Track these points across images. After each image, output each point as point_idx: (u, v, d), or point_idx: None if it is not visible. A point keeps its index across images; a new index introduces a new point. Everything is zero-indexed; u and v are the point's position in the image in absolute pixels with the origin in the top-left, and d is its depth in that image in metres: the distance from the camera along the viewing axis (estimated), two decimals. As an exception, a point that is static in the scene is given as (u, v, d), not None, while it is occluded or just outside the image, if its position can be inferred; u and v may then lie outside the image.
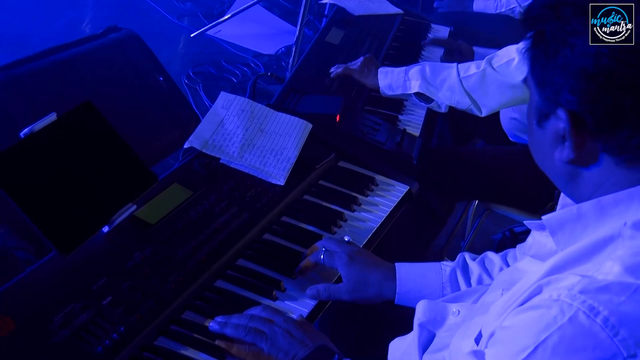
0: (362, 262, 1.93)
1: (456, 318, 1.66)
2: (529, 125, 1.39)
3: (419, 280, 1.92)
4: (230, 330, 1.68)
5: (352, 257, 1.93)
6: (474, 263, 1.93)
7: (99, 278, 1.75)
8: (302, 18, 4.09)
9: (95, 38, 3.30)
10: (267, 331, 1.67)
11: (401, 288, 1.91)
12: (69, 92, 2.82)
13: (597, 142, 1.24)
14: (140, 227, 1.95)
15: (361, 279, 1.91)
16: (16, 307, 1.62)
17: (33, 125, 1.79)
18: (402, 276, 1.92)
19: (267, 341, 1.65)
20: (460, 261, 1.94)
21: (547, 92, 1.27)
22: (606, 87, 1.20)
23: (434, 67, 2.82)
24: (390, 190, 2.42)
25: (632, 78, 1.18)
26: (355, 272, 1.91)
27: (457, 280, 1.91)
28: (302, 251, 2.04)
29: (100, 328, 1.63)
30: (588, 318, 1.12)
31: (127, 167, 1.99)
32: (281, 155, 2.33)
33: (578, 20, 1.23)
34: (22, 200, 1.71)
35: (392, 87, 2.87)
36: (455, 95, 2.77)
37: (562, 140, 1.27)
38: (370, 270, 1.92)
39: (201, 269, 1.88)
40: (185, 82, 4.53)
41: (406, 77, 2.84)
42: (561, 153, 1.28)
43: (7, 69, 2.79)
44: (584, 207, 1.31)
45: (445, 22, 4.02)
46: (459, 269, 1.92)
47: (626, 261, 1.19)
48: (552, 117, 1.28)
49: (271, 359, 1.63)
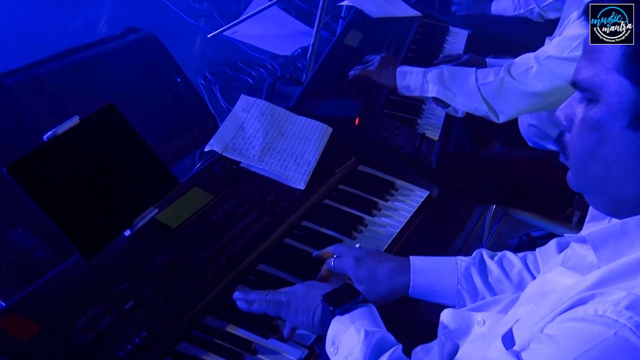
0: (369, 262, 1.91)
1: (482, 328, 1.64)
2: (590, 138, 1.32)
3: (433, 274, 1.91)
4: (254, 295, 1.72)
5: (359, 259, 1.91)
6: (492, 262, 1.91)
7: (121, 282, 1.75)
8: (319, 19, 4.08)
9: (115, 39, 3.31)
10: (285, 289, 1.72)
11: (415, 281, 1.89)
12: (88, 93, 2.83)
13: None
14: (162, 231, 1.95)
15: (370, 278, 1.89)
16: (39, 311, 1.62)
17: (56, 129, 1.80)
18: (417, 269, 1.90)
19: (286, 294, 1.69)
20: (477, 258, 1.92)
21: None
22: None
23: (453, 72, 2.82)
24: (410, 195, 2.42)
25: None
26: (363, 273, 1.89)
27: (471, 277, 1.89)
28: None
29: (123, 332, 1.62)
30: (634, 335, 1.12)
31: (149, 170, 1.99)
32: (301, 159, 2.33)
33: None
34: (45, 204, 1.71)
35: (409, 89, 2.87)
36: (473, 102, 2.77)
37: None
38: (378, 267, 1.90)
39: (222, 273, 1.88)
40: (202, 83, 4.53)
41: (424, 80, 2.83)
42: None
43: (27, 70, 2.80)
44: (629, 223, 1.30)
45: (463, 25, 4.02)
46: (475, 266, 1.90)
47: None
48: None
49: (290, 306, 1.67)
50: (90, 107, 1.92)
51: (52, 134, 1.78)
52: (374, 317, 1.57)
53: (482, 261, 1.92)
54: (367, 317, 1.56)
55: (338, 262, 1.92)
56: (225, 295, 1.85)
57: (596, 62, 1.28)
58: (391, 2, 3.92)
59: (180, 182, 2.06)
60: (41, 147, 1.75)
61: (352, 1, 3.88)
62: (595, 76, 1.28)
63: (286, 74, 4.62)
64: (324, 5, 4.05)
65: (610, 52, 1.25)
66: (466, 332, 1.66)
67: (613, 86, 1.26)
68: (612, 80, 1.26)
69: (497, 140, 3.56)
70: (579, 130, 1.33)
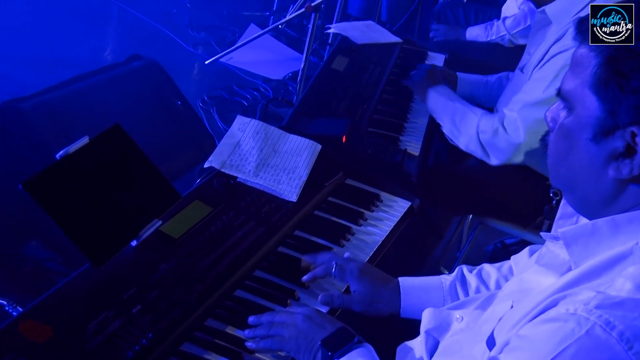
0: (372, 279, 1.92)
1: (460, 324, 1.65)
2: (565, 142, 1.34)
3: (422, 295, 1.91)
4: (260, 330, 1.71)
5: (363, 272, 1.92)
6: (472, 275, 1.92)
7: (128, 288, 1.75)
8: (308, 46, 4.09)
9: (119, 66, 3.32)
10: (288, 319, 1.68)
11: (405, 302, 1.90)
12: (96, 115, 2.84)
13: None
14: (165, 241, 1.95)
15: (372, 295, 1.90)
16: (54, 316, 1.62)
17: (68, 148, 1.80)
18: (406, 291, 1.91)
19: (287, 328, 1.66)
20: (458, 274, 1.93)
21: (620, 110, 1.22)
22: None
23: (464, 113, 2.87)
24: (393, 206, 2.42)
25: None
26: (366, 288, 1.90)
27: (456, 293, 1.90)
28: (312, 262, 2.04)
29: (131, 334, 1.63)
30: (604, 332, 1.12)
31: (153, 185, 2.00)
32: (293, 173, 2.34)
33: None
34: (58, 217, 1.72)
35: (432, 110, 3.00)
36: (472, 144, 2.81)
37: (623, 156, 1.25)
38: (380, 288, 1.92)
39: (221, 279, 1.88)
40: (200, 106, 4.54)
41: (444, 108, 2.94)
42: (619, 170, 1.26)
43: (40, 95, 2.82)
44: (598, 224, 1.31)
45: (440, 50, 4.03)
46: (458, 282, 1.92)
47: (637, 279, 1.18)
48: (617, 133, 1.24)
49: (292, 341, 1.65)
50: (98, 128, 1.93)
51: (64, 152, 1.79)
52: (371, 355, 1.58)
53: (463, 276, 1.93)
54: (364, 356, 1.57)
55: (340, 271, 1.92)
56: (224, 299, 1.85)
57: (577, 76, 1.30)
58: (374, 29, 3.93)
59: (182, 196, 2.06)
60: (54, 165, 1.75)
61: (338, 29, 3.90)
62: (574, 89, 1.30)
63: (278, 96, 4.64)
64: (313, 33, 4.06)
65: (587, 70, 1.27)
66: (446, 329, 1.67)
67: (585, 101, 1.28)
68: (585, 95, 1.27)
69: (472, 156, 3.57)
70: (557, 135, 1.36)
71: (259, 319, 1.74)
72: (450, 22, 4.68)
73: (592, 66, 1.26)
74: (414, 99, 3.33)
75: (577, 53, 1.31)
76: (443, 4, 5.09)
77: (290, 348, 1.65)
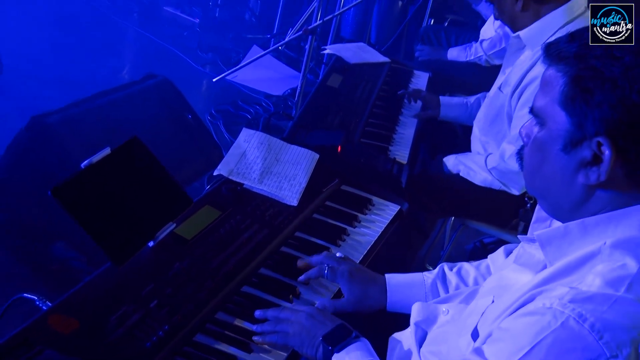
0: (361, 279, 1.91)
1: (446, 316, 1.66)
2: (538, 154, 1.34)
3: (406, 291, 1.91)
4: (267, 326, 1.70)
5: (352, 274, 1.90)
6: (452, 273, 1.91)
7: (146, 285, 1.75)
8: (305, 65, 4.10)
9: (136, 84, 3.33)
10: (292, 317, 1.68)
11: (391, 298, 1.90)
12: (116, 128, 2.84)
13: (623, 169, 1.23)
14: (179, 242, 1.95)
15: (362, 294, 1.89)
16: (79, 310, 1.62)
17: (91, 158, 1.80)
18: (392, 288, 1.91)
19: (291, 325, 1.66)
20: (440, 272, 1.92)
21: (586, 123, 1.23)
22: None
23: (471, 164, 2.88)
24: (384, 210, 2.42)
25: None
26: (356, 288, 1.89)
27: (437, 290, 1.90)
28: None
29: (149, 327, 1.63)
30: (578, 323, 1.13)
31: (167, 191, 1.99)
32: (294, 180, 2.34)
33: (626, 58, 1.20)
34: (83, 220, 1.72)
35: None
36: (489, 180, 2.82)
37: (591, 164, 1.25)
38: (369, 286, 1.91)
39: (230, 277, 1.88)
40: (209, 119, 4.54)
41: (457, 162, 2.94)
42: (587, 177, 1.26)
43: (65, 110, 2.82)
44: (570, 226, 1.31)
45: (424, 69, 4.03)
46: (439, 280, 1.91)
47: (606, 276, 1.19)
48: (584, 143, 1.25)
49: (296, 337, 1.65)
50: (118, 140, 1.93)
51: (88, 162, 1.79)
52: (368, 348, 1.58)
53: (443, 274, 1.92)
54: (361, 349, 1.57)
55: (331, 273, 1.91)
56: (233, 294, 1.85)
57: (547, 94, 1.30)
58: (365, 50, 3.94)
59: (193, 201, 2.06)
60: (79, 174, 1.75)
61: (332, 50, 3.90)
62: (545, 106, 1.31)
63: (279, 110, 4.64)
64: (309, 53, 4.07)
65: (555, 89, 1.27)
66: (433, 321, 1.67)
67: (555, 116, 1.28)
68: (555, 111, 1.28)
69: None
70: (531, 148, 1.37)
71: (265, 313, 1.74)
72: (433, 44, 4.69)
73: (559, 85, 1.27)
74: (402, 112, 3.33)
75: (545, 74, 1.32)
76: (426, 27, 5.11)
77: (295, 343, 1.65)
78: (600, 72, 1.20)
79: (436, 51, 4.48)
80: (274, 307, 1.80)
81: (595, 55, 1.22)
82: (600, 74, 1.20)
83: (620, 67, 1.18)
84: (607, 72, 1.20)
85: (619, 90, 1.18)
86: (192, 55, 5.62)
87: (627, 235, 1.25)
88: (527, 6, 2.64)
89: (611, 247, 1.24)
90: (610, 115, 1.20)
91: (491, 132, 2.89)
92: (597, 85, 1.21)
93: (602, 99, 1.20)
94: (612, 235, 1.26)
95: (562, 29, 2.58)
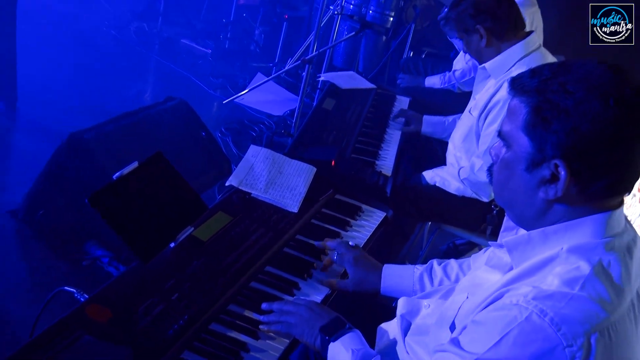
0: (364, 265, 1.96)
1: (427, 310, 1.66)
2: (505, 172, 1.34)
3: (398, 279, 1.93)
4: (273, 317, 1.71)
5: (357, 260, 1.95)
6: (439, 268, 1.92)
7: (168, 280, 1.75)
8: (302, 90, 4.11)
9: (157, 105, 3.33)
10: (294, 309, 1.69)
11: (384, 283, 1.92)
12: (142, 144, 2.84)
13: (576, 187, 1.24)
14: (196, 243, 1.95)
15: (363, 278, 1.94)
16: (112, 301, 1.62)
17: (122, 170, 1.80)
18: (386, 275, 1.93)
19: (293, 316, 1.67)
20: (429, 266, 1.94)
21: (545, 147, 1.24)
22: (596, 146, 1.20)
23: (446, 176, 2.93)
24: (372, 216, 2.42)
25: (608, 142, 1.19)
26: (359, 272, 1.94)
27: (423, 282, 1.90)
28: (312, 261, 2.04)
29: (171, 316, 1.63)
30: (539, 318, 1.14)
31: (186, 199, 1.99)
32: (295, 190, 2.34)
33: (580, 93, 1.21)
34: (114, 223, 1.72)
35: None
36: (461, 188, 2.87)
37: (550, 182, 1.25)
38: (370, 272, 1.95)
39: (240, 273, 1.88)
40: (219, 136, 4.54)
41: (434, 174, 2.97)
42: (547, 193, 1.26)
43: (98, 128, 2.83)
44: (532, 234, 1.31)
45: (405, 94, 4.04)
46: (426, 273, 1.92)
47: (563, 276, 1.20)
48: (544, 165, 1.25)
49: (297, 327, 1.65)
50: (144, 154, 1.93)
51: (119, 174, 1.79)
52: (360, 338, 1.59)
53: (432, 268, 1.93)
54: (354, 339, 1.57)
55: (340, 258, 1.97)
56: (242, 289, 1.85)
57: (512, 121, 1.30)
58: (354, 78, 3.94)
59: (208, 207, 2.06)
60: (111, 184, 1.76)
61: (326, 77, 3.92)
62: (510, 131, 1.31)
63: (280, 129, 4.64)
64: (306, 80, 4.08)
65: (519, 117, 1.27)
66: (416, 313, 1.68)
67: (519, 140, 1.28)
68: (519, 136, 1.28)
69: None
70: (499, 166, 1.37)
71: (270, 306, 1.74)
72: (412, 73, 4.69)
73: (523, 114, 1.27)
74: (387, 131, 3.34)
75: (511, 103, 1.32)
76: (407, 58, 5.11)
77: (296, 333, 1.66)
78: (556, 105, 1.21)
79: (415, 79, 4.48)
80: (278, 300, 1.80)
81: (552, 90, 1.23)
82: (556, 106, 1.21)
83: (573, 101, 1.19)
84: (562, 105, 1.20)
85: (571, 121, 1.19)
86: (205, 80, 5.62)
87: (581, 242, 1.25)
88: (490, 43, 2.72)
89: (567, 252, 1.25)
90: (565, 142, 1.20)
91: (463, 148, 2.91)
92: (553, 115, 1.21)
93: (558, 127, 1.21)
94: (568, 242, 1.26)
95: (520, 62, 2.66)
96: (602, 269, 1.21)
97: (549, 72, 1.26)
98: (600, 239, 1.25)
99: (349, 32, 5.02)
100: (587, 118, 1.18)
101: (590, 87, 1.20)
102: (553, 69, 1.26)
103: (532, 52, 2.69)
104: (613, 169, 1.22)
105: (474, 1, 2.70)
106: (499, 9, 2.68)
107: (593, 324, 1.14)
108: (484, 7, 2.67)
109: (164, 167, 1.97)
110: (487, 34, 2.69)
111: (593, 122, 1.18)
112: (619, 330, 1.18)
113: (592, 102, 1.18)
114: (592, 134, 1.18)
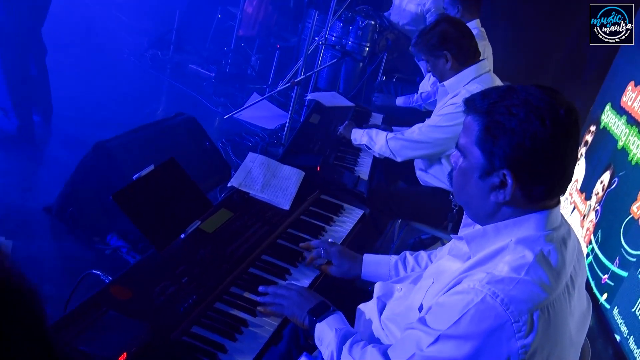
0: (347, 256, 1.97)
1: (400, 293, 1.66)
2: (462, 178, 1.36)
3: (376, 266, 1.94)
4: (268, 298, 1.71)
5: (341, 253, 1.96)
6: (411, 257, 1.92)
7: (179, 265, 1.75)
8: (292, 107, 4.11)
9: (169, 119, 3.32)
10: (286, 293, 1.69)
11: (365, 270, 1.94)
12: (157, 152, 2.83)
13: (521, 192, 1.27)
14: (203, 235, 1.95)
15: (347, 267, 1.95)
16: (132, 283, 1.62)
17: (140, 172, 1.81)
18: (366, 263, 1.95)
19: (286, 299, 1.67)
20: (402, 256, 1.94)
21: (495, 159, 1.26)
22: (537, 158, 1.23)
23: (377, 132, 3.02)
24: (352, 214, 2.43)
25: (546, 154, 1.23)
26: (344, 261, 1.95)
27: (397, 269, 1.91)
28: (301, 251, 2.04)
29: (182, 296, 1.63)
30: (492, 299, 1.16)
31: (194, 197, 2.00)
32: (286, 191, 2.35)
33: (522, 112, 1.23)
34: (135, 218, 1.72)
35: (355, 140, 3.09)
36: (383, 149, 2.97)
37: (499, 188, 1.28)
38: (352, 262, 1.95)
39: (240, 261, 1.89)
40: (221, 146, 4.51)
41: (363, 134, 3.05)
42: (497, 197, 1.28)
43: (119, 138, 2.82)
44: (487, 228, 1.34)
45: (379, 111, 4.06)
46: (400, 261, 1.92)
47: (511, 264, 1.22)
48: (494, 174, 1.28)
49: (289, 309, 1.65)
50: (158, 160, 1.94)
51: (138, 175, 1.79)
52: (342, 319, 1.59)
53: (405, 258, 1.94)
54: (337, 320, 1.57)
55: (326, 252, 1.97)
56: (242, 274, 1.85)
57: (467, 136, 1.32)
58: (336, 97, 3.96)
59: (213, 205, 2.07)
60: (132, 184, 1.76)
61: (312, 97, 3.93)
62: (465, 144, 1.33)
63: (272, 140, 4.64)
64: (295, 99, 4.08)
65: (473, 133, 1.30)
66: (390, 295, 1.68)
67: (473, 152, 1.31)
68: (473, 148, 1.31)
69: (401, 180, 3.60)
70: (457, 173, 1.38)
71: (266, 289, 1.74)
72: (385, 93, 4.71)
73: (475, 130, 1.29)
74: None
75: (466, 120, 1.34)
76: (380, 81, 5.15)
77: (288, 313, 1.66)
78: (502, 125, 1.24)
79: (388, 99, 4.50)
80: (273, 284, 1.81)
81: (500, 112, 1.26)
82: (502, 126, 1.24)
83: (517, 121, 1.23)
84: (507, 125, 1.24)
85: (516, 138, 1.23)
86: (209, 99, 5.60)
87: (526, 235, 1.28)
88: (453, 66, 2.81)
89: (515, 243, 1.27)
90: (511, 155, 1.24)
91: None
92: (501, 133, 1.25)
93: (505, 143, 1.24)
94: (516, 235, 1.29)
95: (473, 81, 2.81)
96: (543, 257, 1.24)
97: (496, 96, 1.28)
98: (541, 232, 1.28)
99: (332, 59, 5.03)
100: (528, 135, 1.22)
101: (530, 109, 1.23)
102: (500, 93, 1.29)
103: (483, 74, 2.83)
104: (550, 176, 1.26)
105: (442, 31, 2.78)
106: (463, 39, 2.80)
107: (535, 303, 1.16)
108: (451, 37, 2.80)
109: (176, 171, 1.97)
110: (452, 58, 2.79)
111: (533, 139, 1.22)
112: (556, 308, 1.21)
113: (533, 122, 1.22)
114: (532, 148, 1.22)
